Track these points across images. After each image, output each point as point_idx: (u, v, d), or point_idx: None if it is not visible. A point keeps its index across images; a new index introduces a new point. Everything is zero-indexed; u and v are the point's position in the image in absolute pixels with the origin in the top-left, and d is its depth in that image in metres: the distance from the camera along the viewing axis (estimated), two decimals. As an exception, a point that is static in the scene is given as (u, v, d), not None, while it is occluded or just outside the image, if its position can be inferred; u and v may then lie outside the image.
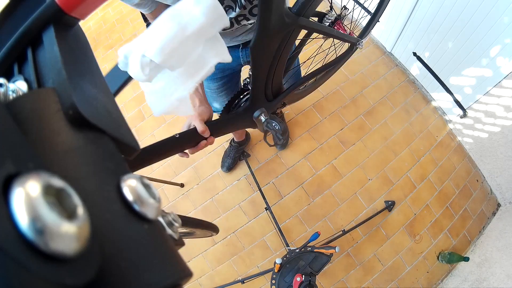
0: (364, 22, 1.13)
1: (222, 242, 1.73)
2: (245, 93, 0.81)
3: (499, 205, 1.82)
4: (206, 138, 0.64)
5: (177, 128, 1.95)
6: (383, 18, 1.96)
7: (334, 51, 0.97)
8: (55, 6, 0.26)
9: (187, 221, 0.90)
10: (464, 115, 1.71)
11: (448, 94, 1.75)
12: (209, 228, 1.03)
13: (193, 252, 1.74)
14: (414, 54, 1.81)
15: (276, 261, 1.06)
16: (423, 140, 1.87)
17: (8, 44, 0.27)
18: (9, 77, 0.26)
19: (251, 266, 1.69)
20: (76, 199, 0.15)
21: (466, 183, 1.81)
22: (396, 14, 1.73)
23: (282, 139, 0.83)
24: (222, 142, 1.89)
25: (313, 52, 0.94)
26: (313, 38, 0.89)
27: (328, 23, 0.87)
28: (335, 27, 0.88)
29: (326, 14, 0.86)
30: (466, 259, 1.57)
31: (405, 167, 1.81)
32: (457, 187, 1.80)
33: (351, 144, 1.85)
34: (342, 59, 0.98)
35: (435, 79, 1.77)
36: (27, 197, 0.13)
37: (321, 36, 0.79)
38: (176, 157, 1.92)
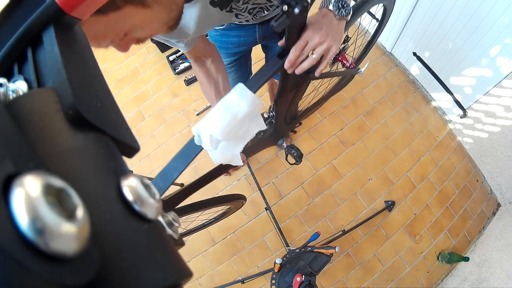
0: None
1: (222, 242, 1.73)
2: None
3: (499, 205, 1.82)
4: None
5: (177, 127, 1.96)
6: (383, 18, 1.94)
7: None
8: (55, 6, 0.26)
9: (219, 199, 1.06)
10: (464, 115, 1.71)
11: (448, 94, 1.75)
12: (239, 198, 1.19)
13: (193, 252, 1.74)
14: (414, 54, 1.81)
15: (276, 261, 1.06)
16: (423, 140, 1.87)
17: (8, 44, 0.27)
18: (9, 77, 0.26)
19: (251, 266, 1.69)
20: (76, 199, 0.15)
21: (466, 183, 1.81)
22: (396, 14, 1.73)
23: (299, 161, 1.08)
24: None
25: (319, 83, 1.15)
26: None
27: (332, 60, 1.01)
28: (339, 58, 1.03)
29: None
30: (466, 259, 1.57)
31: (405, 167, 1.81)
32: (457, 187, 1.80)
33: (351, 144, 1.85)
34: (345, 85, 1.27)
35: (435, 79, 1.77)
36: (27, 197, 0.13)
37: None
38: (176, 157, 1.92)
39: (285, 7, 0.47)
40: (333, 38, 0.56)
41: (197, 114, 1.97)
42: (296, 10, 0.47)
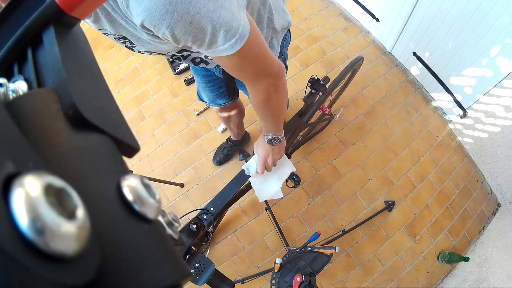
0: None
1: (222, 242, 1.73)
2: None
3: (499, 205, 1.82)
4: None
5: (177, 128, 1.96)
6: (383, 18, 1.96)
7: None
8: (55, 6, 0.26)
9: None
10: (464, 115, 1.71)
11: (448, 94, 1.75)
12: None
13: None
14: (414, 54, 1.81)
15: (276, 261, 1.06)
16: (423, 140, 1.87)
17: (8, 44, 0.27)
18: (9, 77, 0.26)
19: (251, 266, 1.69)
20: (76, 199, 0.15)
21: (466, 183, 1.81)
22: (396, 14, 1.73)
23: (298, 185, 1.28)
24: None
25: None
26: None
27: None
28: (321, 107, 1.31)
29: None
30: (466, 259, 1.57)
31: (405, 167, 1.81)
32: (457, 187, 1.80)
33: (351, 144, 1.85)
34: (324, 127, 1.81)
35: (435, 79, 1.77)
36: (27, 197, 0.13)
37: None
38: (175, 157, 1.92)
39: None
40: (272, 153, 0.91)
41: (197, 114, 1.97)
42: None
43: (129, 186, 0.20)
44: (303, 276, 0.99)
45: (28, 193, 0.13)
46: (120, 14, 0.48)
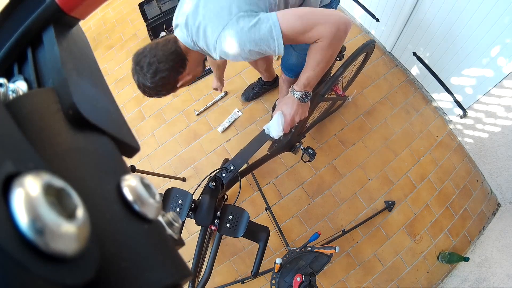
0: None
1: (222, 242, 1.73)
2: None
3: (499, 205, 1.82)
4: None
5: (177, 128, 1.95)
6: (383, 18, 1.96)
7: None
8: (55, 6, 0.26)
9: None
10: (464, 115, 1.71)
11: (448, 94, 1.75)
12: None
13: (193, 252, 1.74)
14: (414, 54, 1.81)
15: (276, 261, 1.06)
16: (423, 140, 1.87)
17: (8, 44, 0.27)
18: (9, 77, 0.26)
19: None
20: (76, 199, 0.15)
21: (466, 183, 1.81)
22: (396, 14, 1.73)
23: (313, 158, 1.36)
24: (222, 143, 1.90)
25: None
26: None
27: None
28: (334, 89, 1.38)
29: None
30: (466, 259, 1.57)
31: (405, 167, 1.81)
32: (457, 187, 1.80)
33: (351, 144, 1.85)
34: (339, 108, 1.85)
35: (435, 79, 1.77)
36: (27, 197, 0.13)
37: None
38: (176, 157, 1.92)
39: None
40: (301, 112, 0.99)
41: (197, 114, 1.97)
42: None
43: (129, 186, 0.20)
44: (303, 276, 0.99)
45: (28, 193, 0.13)
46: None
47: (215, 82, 1.51)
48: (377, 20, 1.93)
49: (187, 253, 1.73)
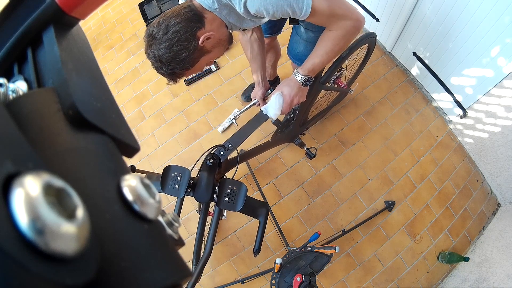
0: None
1: (222, 242, 1.73)
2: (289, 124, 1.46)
3: (499, 205, 1.82)
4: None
5: (177, 127, 1.95)
6: (383, 18, 1.96)
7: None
8: (55, 6, 0.26)
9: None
10: (464, 115, 1.71)
11: (448, 94, 1.75)
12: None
13: (193, 252, 1.74)
14: (414, 54, 1.81)
15: (276, 261, 1.06)
16: (423, 140, 1.87)
17: (8, 44, 0.27)
18: (9, 77, 0.26)
19: (251, 266, 1.69)
20: (76, 199, 0.15)
21: (466, 183, 1.81)
22: (396, 14, 1.73)
23: (313, 155, 1.42)
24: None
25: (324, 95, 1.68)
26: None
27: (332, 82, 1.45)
28: (337, 81, 1.43)
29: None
30: (466, 259, 1.57)
31: (405, 167, 1.81)
32: (457, 187, 1.80)
33: (351, 144, 1.85)
34: (340, 100, 1.83)
35: (435, 79, 1.77)
36: (27, 197, 0.13)
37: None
38: (176, 157, 1.92)
39: None
40: (301, 94, 1.01)
41: (222, 132, 1.97)
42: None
43: (129, 186, 0.20)
44: (303, 276, 0.99)
45: (28, 193, 0.13)
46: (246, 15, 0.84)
47: (256, 88, 1.24)
48: (377, 20, 1.93)
49: (187, 253, 1.73)
